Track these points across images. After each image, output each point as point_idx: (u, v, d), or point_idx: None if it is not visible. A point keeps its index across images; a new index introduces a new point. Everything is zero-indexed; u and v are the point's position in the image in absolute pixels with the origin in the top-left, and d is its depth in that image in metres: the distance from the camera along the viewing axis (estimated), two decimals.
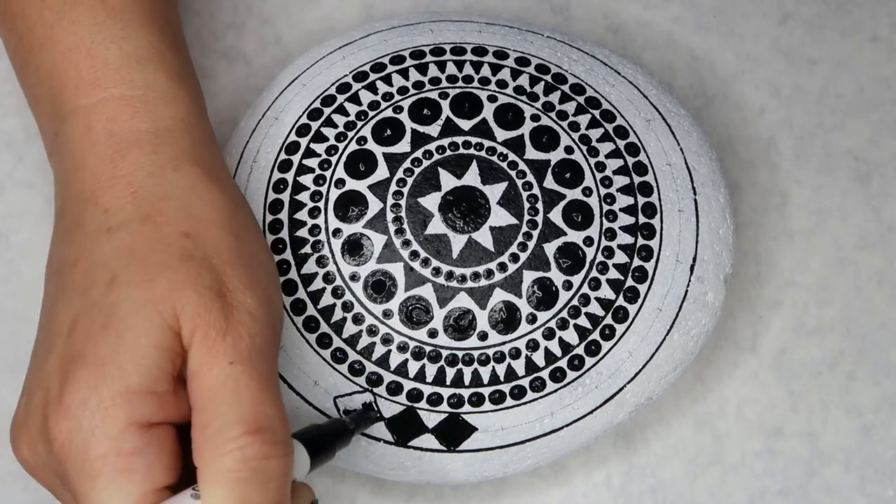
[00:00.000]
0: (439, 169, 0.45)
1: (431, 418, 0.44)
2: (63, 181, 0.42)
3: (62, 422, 0.35)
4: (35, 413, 0.37)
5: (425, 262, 0.44)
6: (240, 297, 0.38)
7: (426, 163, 0.45)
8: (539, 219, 0.44)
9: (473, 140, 0.45)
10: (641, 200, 0.45)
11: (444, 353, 0.43)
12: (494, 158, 0.45)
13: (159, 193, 0.39)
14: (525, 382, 0.44)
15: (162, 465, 0.36)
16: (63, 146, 0.42)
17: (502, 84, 0.47)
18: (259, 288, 0.39)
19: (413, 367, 0.43)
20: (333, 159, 0.45)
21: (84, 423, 0.35)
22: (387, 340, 0.43)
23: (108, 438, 0.35)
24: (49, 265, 0.41)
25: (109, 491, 0.35)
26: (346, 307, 0.44)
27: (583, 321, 0.44)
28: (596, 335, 0.44)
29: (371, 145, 0.45)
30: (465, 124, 0.46)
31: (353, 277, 0.44)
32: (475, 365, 0.43)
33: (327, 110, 0.46)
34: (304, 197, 0.45)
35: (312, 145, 0.46)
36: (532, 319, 0.44)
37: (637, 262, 0.45)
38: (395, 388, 0.43)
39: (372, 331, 0.43)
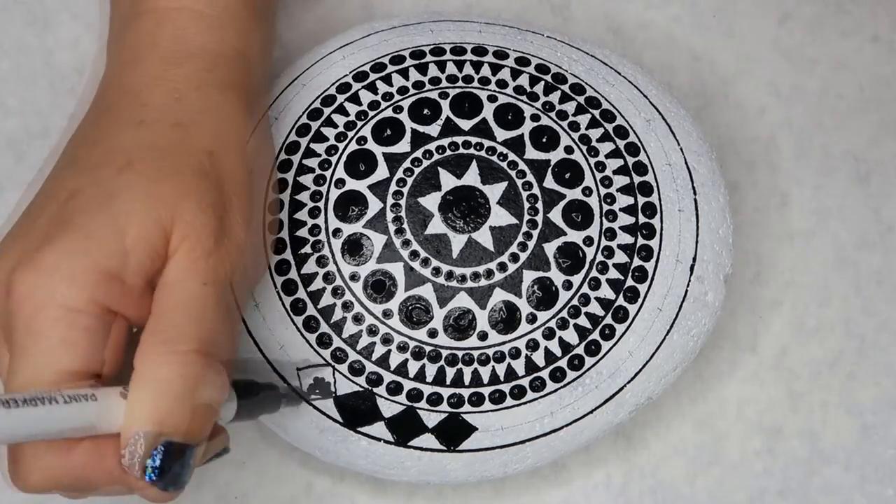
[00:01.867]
0: (439, 169, 0.45)
1: (431, 418, 0.44)
2: (114, 71, 0.43)
3: (29, 275, 0.36)
4: (6, 262, 0.37)
5: (425, 262, 0.44)
6: (235, 228, 0.39)
7: (426, 163, 0.45)
8: (539, 219, 0.44)
9: (473, 140, 0.45)
10: (641, 200, 0.45)
11: (444, 352, 0.43)
12: (494, 158, 0.45)
13: (199, 107, 0.41)
14: (525, 382, 0.44)
15: (102, 352, 0.36)
16: (127, 39, 0.43)
17: (502, 84, 0.47)
18: (252, 228, 0.40)
19: (413, 366, 0.43)
20: (333, 159, 0.45)
21: (50, 283, 0.35)
22: (387, 340, 0.43)
23: (65, 307, 0.35)
24: (70, 140, 0.42)
25: (46, 355, 0.35)
26: (346, 307, 0.44)
27: (583, 321, 0.44)
28: (596, 335, 0.44)
29: (371, 145, 0.45)
30: (465, 124, 0.46)
31: (353, 277, 0.44)
32: (475, 365, 0.43)
33: (327, 110, 0.46)
34: (304, 197, 0.45)
35: (312, 145, 0.46)
36: (532, 319, 0.44)
37: (637, 261, 0.45)
38: (395, 388, 0.43)
39: (372, 331, 0.43)
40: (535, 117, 0.46)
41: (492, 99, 0.46)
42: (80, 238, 0.36)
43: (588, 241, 0.44)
